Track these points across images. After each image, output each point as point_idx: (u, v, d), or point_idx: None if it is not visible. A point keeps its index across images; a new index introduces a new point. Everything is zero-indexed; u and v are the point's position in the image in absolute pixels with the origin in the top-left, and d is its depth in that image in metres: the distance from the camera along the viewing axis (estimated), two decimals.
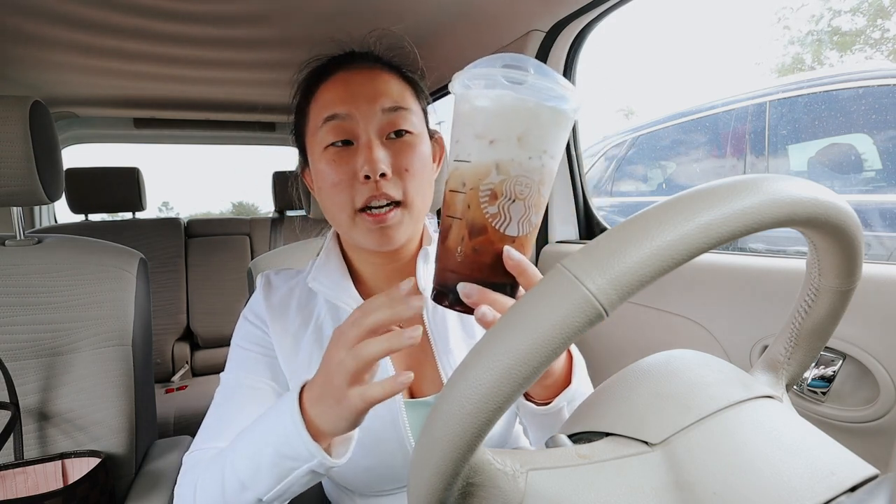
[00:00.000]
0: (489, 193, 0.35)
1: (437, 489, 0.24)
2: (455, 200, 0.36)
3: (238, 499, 0.42)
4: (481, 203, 0.35)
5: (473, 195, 0.35)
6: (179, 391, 1.67)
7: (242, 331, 0.60)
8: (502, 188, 0.35)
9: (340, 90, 0.53)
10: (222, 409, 0.54)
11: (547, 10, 0.98)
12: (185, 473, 0.50)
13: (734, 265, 0.76)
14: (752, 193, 0.23)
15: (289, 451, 0.40)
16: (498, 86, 0.34)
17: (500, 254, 0.36)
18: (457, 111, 0.37)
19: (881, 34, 3.08)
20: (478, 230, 0.36)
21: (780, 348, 0.36)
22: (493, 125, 0.34)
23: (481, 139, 0.35)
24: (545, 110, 0.34)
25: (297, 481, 0.41)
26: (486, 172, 0.35)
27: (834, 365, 0.64)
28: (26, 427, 0.79)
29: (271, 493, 0.42)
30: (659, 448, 0.28)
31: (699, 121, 1.99)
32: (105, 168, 1.75)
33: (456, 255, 0.36)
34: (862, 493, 0.24)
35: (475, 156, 0.35)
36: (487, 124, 0.34)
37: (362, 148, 0.51)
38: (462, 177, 0.36)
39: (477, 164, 0.35)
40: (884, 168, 1.34)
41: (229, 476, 0.43)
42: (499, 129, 0.34)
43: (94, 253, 0.89)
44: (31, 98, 0.78)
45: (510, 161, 0.34)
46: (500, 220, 0.35)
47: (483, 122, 0.35)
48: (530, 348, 0.21)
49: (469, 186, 0.35)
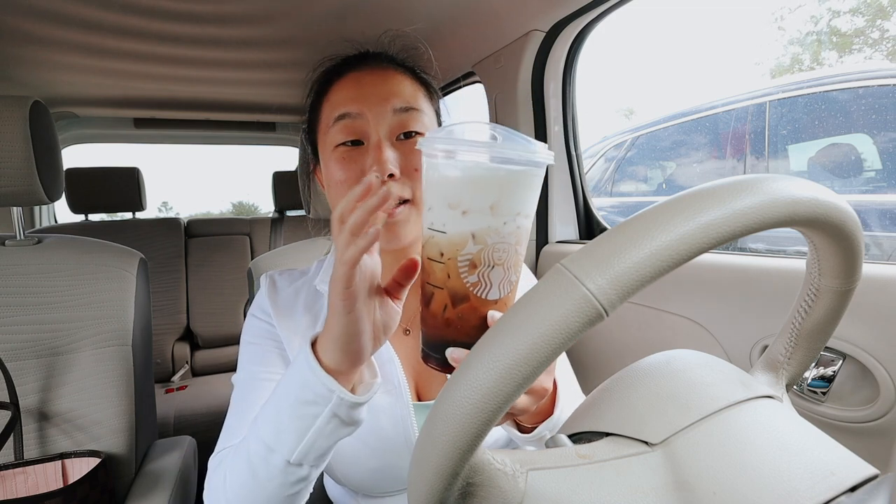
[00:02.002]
0: (468, 263, 0.35)
1: (437, 489, 0.24)
2: (434, 269, 0.36)
3: (266, 467, 0.42)
4: (461, 273, 0.35)
5: (452, 265, 0.35)
6: (179, 391, 1.67)
7: (251, 327, 0.60)
8: (480, 257, 0.35)
9: (352, 89, 0.53)
10: (241, 405, 0.54)
11: (547, 10, 0.98)
12: (214, 471, 0.49)
13: (734, 265, 0.76)
14: (752, 193, 0.23)
15: (308, 396, 0.40)
16: (466, 154, 0.33)
17: (485, 317, 0.36)
18: (427, 176, 0.36)
19: (881, 34, 3.09)
20: (460, 298, 0.36)
21: (780, 348, 0.36)
22: (465, 196, 0.34)
23: (454, 209, 0.34)
24: (516, 176, 0.34)
25: (321, 432, 0.41)
26: (462, 243, 0.34)
27: (834, 365, 0.64)
28: (26, 427, 0.79)
29: (297, 450, 0.41)
30: (659, 448, 0.28)
31: (699, 121, 1.99)
32: (105, 168, 1.75)
33: (440, 321, 0.37)
34: (862, 493, 0.24)
35: (450, 226, 0.34)
36: (459, 195, 0.34)
37: (372, 148, 0.51)
38: (438, 247, 0.35)
39: (452, 235, 0.34)
40: (884, 168, 1.34)
41: (254, 445, 0.43)
42: (471, 199, 0.34)
43: (94, 253, 0.89)
44: (30, 98, 0.78)
45: (486, 230, 0.34)
46: (481, 287, 0.35)
47: (455, 192, 0.34)
48: (530, 348, 0.21)
49: (447, 256, 0.35)
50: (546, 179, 1.22)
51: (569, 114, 1.20)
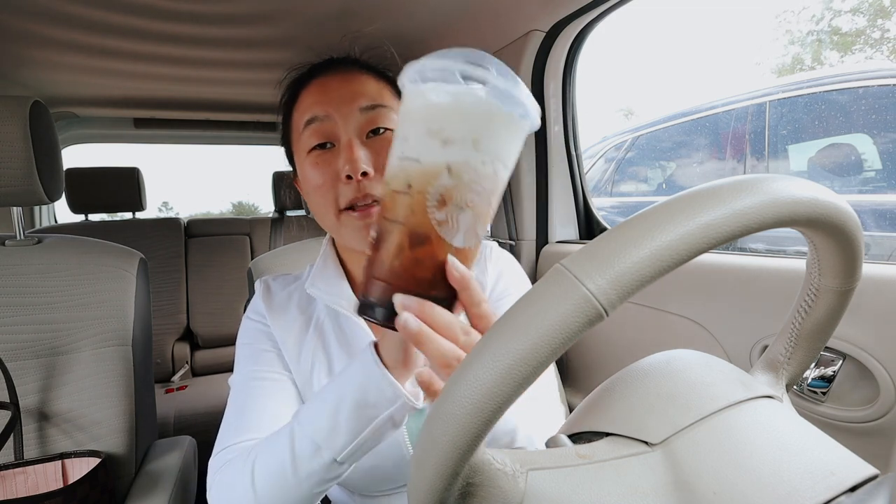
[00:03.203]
0: (438, 198, 0.32)
1: (437, 489, 0.24)
2: (397, 203, 0.33)
3: (309, 465, 0.42)
4: (428, 208, 0.32)
5: (420, 199, 0.32)
6: (179, 391, 1.67)
7: (246, 330, 0.61)
8: (453, 194, 0.32)
9: (318, 94, 0.54)
10: (242, 405, 0.54)
11: (547, 10, 0.98)
12: (222, 470, 0.48)
13: (734, 265, 0.76)
14: (753, 193, 0.23)
15: (370, 398, 0.40)
16: (456, 82, 0.31)
17: (443, 266, 0.33)
18: (407, 106, 0.34)
19: (881, 34, 3.08)
20: (421, 238, 0.32)
21: (780, 348, 0.36)
22: (450, 123, 0.31)
23: (434, 138, 0.31)
24: (505, 116, 0.32)
25: (373, 433, 0.41)
26: (436, 174, 0.31)
27: (834, 365, 0.64)
28: (26, 427, 0.79)
29: (347, 449, 0.41)
30: (659, 448, 0.28)
31: (699, 121, 1.99)
32: (105, 168, 1.75)
33: (391, 265, 0.33)
34: (862, 494, 0.24)
35: (425, 155, 0.32)
36: (443, 122, 0.31)
37: (343, 148, 0.52)
38: (408, 177, 0.32)
39: (427, 165, 0.32)
40: (884, 168, 1.34)
41: (299, 443, 0.42)
42: (455, 128, 0.31)
43: (94, 253, 0.89)
44: (30, 98, 0.78)
45: (464, 164, 0.31)
46: (447, 228, 0.32)
47: (439, 119, 0.31)
48: (530, 348, 0.21)
49: (416, 189, 0.32)
50: (546, 179, 1.22)
51: (569, 114, 1.20)
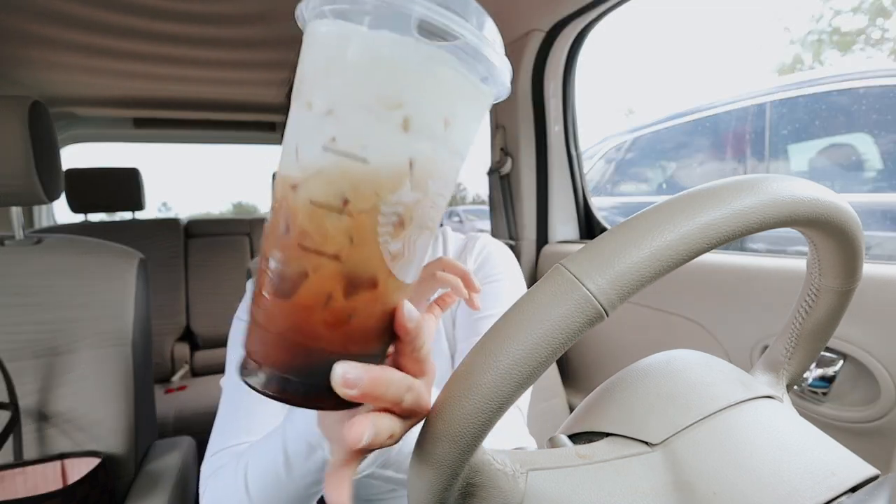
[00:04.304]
0: (395, 221, 0.21)
1: (436, 489, 0.24)
2: (324, 227, 0.21)
3: (304, 465, 0.41)
4: (380, 237, 0.21)
5: (367, 223, 0.21)
6: (179, 391, 1.67)
7: (237, 331, 0.60)
8: (414, 211, 0.22)
9: None
10: (233, 407, 0.53)
11: (547, 10, 0.98)
12: (215, 475, 0.48)
13: (734, 265, 0.76)
14: (753, 193, 0.23)
15: None
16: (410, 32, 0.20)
17: (390, 315, 0.23)
18: (327, 52, 0.21)
19: (881, 34, 3.08)
20: (364, 281, 0.22)
21: (781, 348, 0.36)
22: (417, 94, 0.20)
23: (389, 118, 0.20)
24: (481, 87, 0.23)
25: None
26: (395, 181, 0.21)
27: (834, 365, 0.64)
28: (26, 427, 0.79)
29: None
30: (659, 448, 0.28)
31: (699, 121, 1.99)
32: (105, 168, 1.75)
33: (309, 319, 0.22)
34: (862, 494, 0.24)
35: (377, 148, 0.20)
36: (405, 91, 0.20)
37: None
38: (344, 186, 0.21)
39: (381, 165, 0.21)
40: (885, 168, 1.34)
41: (293, 444, 0.41)
42: (425, 101, 0.21)
43: (94, 253, 0.89)
44: (30, 98, 0.78)
45: (431, 160, 0.22)
46: (402, 263, 0.22)
47: (398, 86, 0.20)
48: (530, 349, 0.21)
49: (359, 207, 0.21)
50: (546, 179, 1.22)
51: (569, 114, 1.20)
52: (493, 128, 1.28)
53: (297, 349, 0.22)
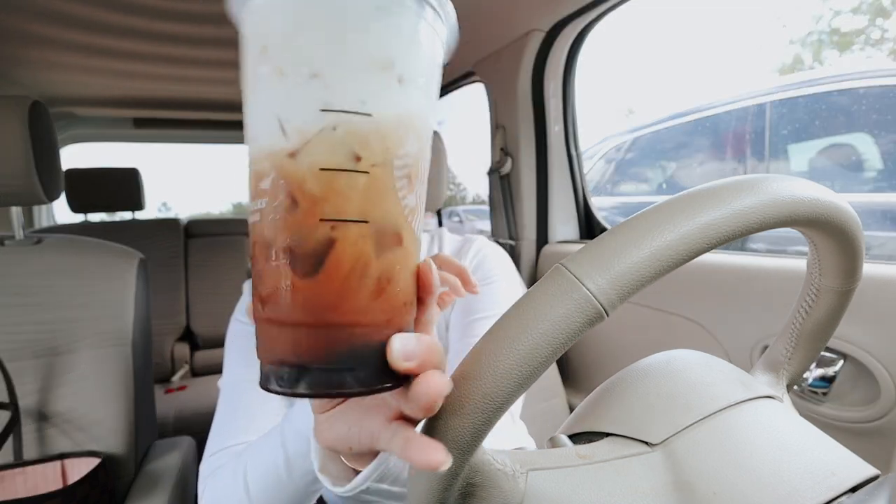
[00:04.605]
0: (406, 172, 0.21)
1: (436, 490, 0.24)
2: (340, 188, 0.20)
3: (304, 464, 0.41)
4: (398, 190, 0.21)
5: (385, 175, 0.20)
6: (179, 391, 1.67)
7: (234, 332, 0.60)
8: (419, 164, 0.22)
9: None
10: (231, 407, 0.53)
11: (547, 10, 0.98)
12: (214, 475, 0.48)
13: (734, 265, 0.76)
14: (753, 193, 0.23)
15: None
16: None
17: (415, 275, 0.23)
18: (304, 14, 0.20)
19: (881, 34, 3.08)
20: (392, 240, 0.21)
21: (781, 348, 0.36)
22: (405, 51, 0.20)
23: (386, 71, 0.20)
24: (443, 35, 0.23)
25: None
26: (402, 134, 0.21)
27: (834, 365, 0.64)
28: (26, 427, 0.79)
29: None
30: (659, 448, 0.28)
31: (699, 121, 1.99)
32: (105, 168, 1.75)
33: (351, 291, 0.20)
34: (863, 494, 0.24)
35: (377, 102, 0.20)
36: (396, 50, 0.20)
37: None
38: (355, 142, 0.20)
39: (385, 120, 0.20)
40: (885, 168, 1.34)
41: (292, 443, 0.41)
42: (413, 54, 0.21)
43: (94, 253, 0.89)
44: (30, 98, 0.78)
45: (422, 113, 0.22)
46: (415, 217, 0.22)
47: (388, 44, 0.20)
48: (530, 348, 0.21)
49: (375, 160, 0.20)
50: (546, 179, 1.22)
51: (569, 114, 1.20)
52: (493, 128, 1.28)
53: (340, 334, 0.20)
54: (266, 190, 0.20)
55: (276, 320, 0.21)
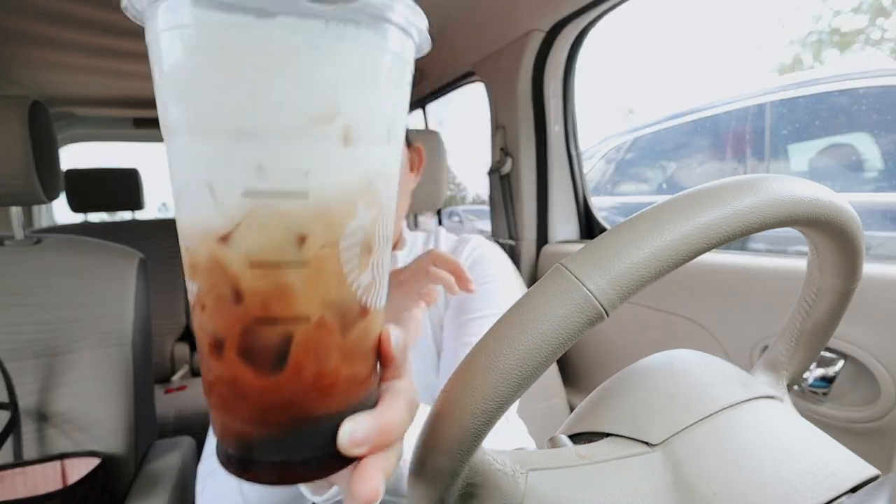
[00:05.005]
0: (359, 249, 0.18)
1: (436, 490, 0.24)
2: (280, 284, 0.17)
3: None
4: (347, 275, 0.18)
5: (330, 261, 0.18)
6: (179, 391, 1.67)
7: None
8: (376, 230, 0.19)
9: None
10: None
11: (547, 10, 0.98)
12: (212, 475, 0.48)
13: (734, 265, 0.76)
14: (753, 193, 0.23)
15: None
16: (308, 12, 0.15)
17: (376, 347, 0.21)
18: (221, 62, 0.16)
19: (881, 34, 3.09)
20: (354, 317, 0.19)
21: (781, 348, 0.36)
22: (350, 94, 0.17)
23: (325, 128, 0.16)
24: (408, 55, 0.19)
25: None
26: (350, 206, 0.18)
27: (835, 365, 0.64)
28: (25, 427, 0.79)
29: None
30: (659, 448, 0.28)
31: (699, 122, 1.99)
32: (105, 168, 1.75)
33: (306, 386, 0.18)
34: (863, 494, 0.24)
35: (319, 174, 0.17)
36: (337, 94, 0.16)
37: None
38: (291, 228, 0.17)
39: (328, 196, 0.17)
40: (885, 168, 1.34)
41: None
42: (371, 99, 0.17)
43: (94, 253, 0.89)
44: (29, 98, 0.78)
45: (381, 169, 0.19)
46: (374, 291, 0.20)
47: (325, 89, 0.16)
48: (530, 349, 0.21)
49: (319, 243, 0.17)
50: (546, 179, 1.22)
51: (569, 114, 1.20)
52: (493, 128, 1.28)
53: (291, 424, 0.19)
54: (201, 274, 0.18)
55: (226, 413, 0.19)
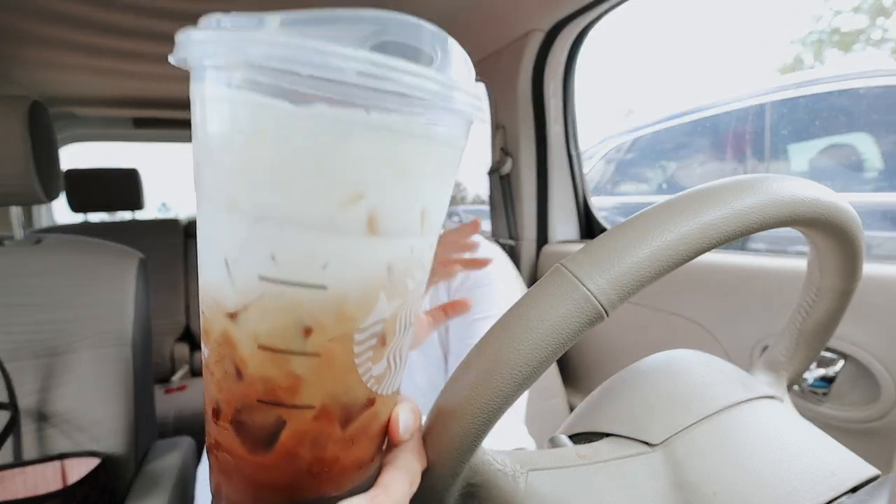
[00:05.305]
0: (375, 343, 0.18)
1: (436, 490, 0.24)
2: (284, 372, 0.17)
3: None
4: (359, 364, 0.17)
5: (341, 355, 0.17)
6: (179, 391, 1.67)
7: None
8: (396, 325, 0.18)
9: None
10: None
11: (547, 10, 0.98)
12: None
13: (734, 265, 0.76)
14: (753, 193, 0.23)
15: None
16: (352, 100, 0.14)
17: (384, 430, 0.21)
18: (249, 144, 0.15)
19: (882, 34, 3.09)
20: (358, 410, 0.18)
21: (781, 348, 0.36)
22: (377, 183, 0.16)
23: (349, 218, 0.16)
24: (456, 142, 0.18)
25: None
26: (369, 301, 0.17)
27: (835, 365, 0.64)
28: (25, 427, 0.79)
29: None
30: (659, 448, 0.28)
31: (699, 122, 1.99)
32: (105, 168, 1.75)
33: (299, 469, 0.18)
34: (863, 494, 0.24)
35: (337, 267, 0.16)
36: (364, 182, 0.16)
37: None
38: (302, 317, 0.16)
39: (346, 289, 0.16)
40: (885, 168, 1.34)
41: None
42: (399, 193, 0.16)
43: (94, 253, 0.89)
44: (29, 98, 0.78)
45: (409, 260, 0.18)
46: (388, 378, 0.19)
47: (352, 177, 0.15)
48: (530, 349, 0.21)
49: (328, 336, 0.16)
50: (546, 179, 1.22)
51: (569, 114, 1.20)
52: (493, 128, 1.28)
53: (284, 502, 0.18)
54: (212, 344, 0.18)
55: (221, 475, 0.19)
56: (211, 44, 0.15)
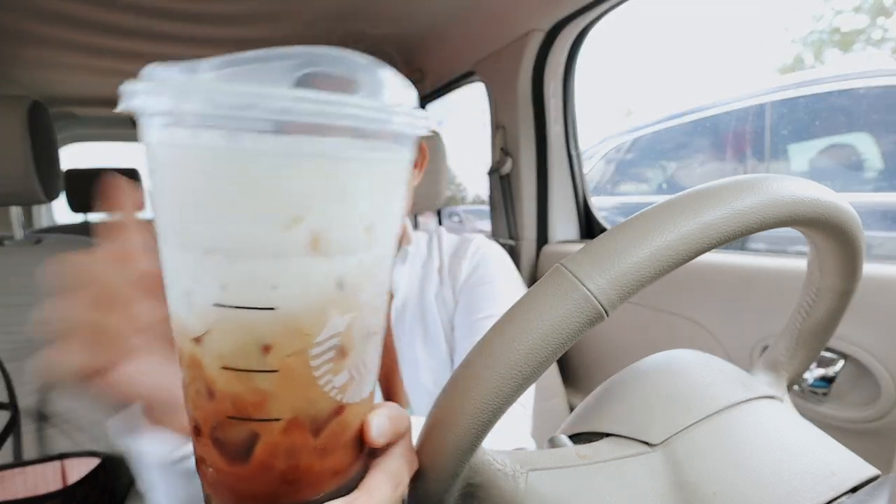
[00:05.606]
0: (334, 355, 0.18)
1: (436, 490, 0.24)
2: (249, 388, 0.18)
3: None
4: (319, 377, 0.18)
5: (299, 369, 0.18)
6: None
7: None
8: (353, 334, 0.19)
9: None
10: None
11: (547, 10, 0.98)
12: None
13: (734, 265, 0.76)
14: (753, 193, 0.23)
15: None
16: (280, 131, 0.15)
17: (359, 432, 0.21)
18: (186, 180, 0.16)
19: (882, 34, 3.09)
20: (324, 421, 0.19)
21: (781, 348, 0.36)
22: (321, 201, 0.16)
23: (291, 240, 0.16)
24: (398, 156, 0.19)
25: None
26: (320, 317, 0.17)
27: (835, 365, 0.64)
28: (25, 427, 0.79)
29: None
30: (659, 448, 0.28)
31: (699, 122, 1.99)
32: (105, 169, 1.76)
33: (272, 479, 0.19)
34: (863, 494, 0.24)
35: (285, 289, 0.16)
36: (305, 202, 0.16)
37: None
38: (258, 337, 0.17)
39: (296, 308, 0.17)
40: (885, 168, 1.34)
41: None
42: (337, 210, 0.17)
43: None
44: (29, 98, 0.78)
45: (358, 273, 0.18)
46: (354, 386, 0.20)
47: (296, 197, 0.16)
48: (530, 349, 0.21)
49: (286, 352, 0.17)
50: (546, 179, 1.22)
51: (569, 114, 1.20)
52: (493, 128, 1.28)
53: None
54: (184, 367, 0.19)
55: (208, 487, 0.21)
56: (147, 94, 0.16)
